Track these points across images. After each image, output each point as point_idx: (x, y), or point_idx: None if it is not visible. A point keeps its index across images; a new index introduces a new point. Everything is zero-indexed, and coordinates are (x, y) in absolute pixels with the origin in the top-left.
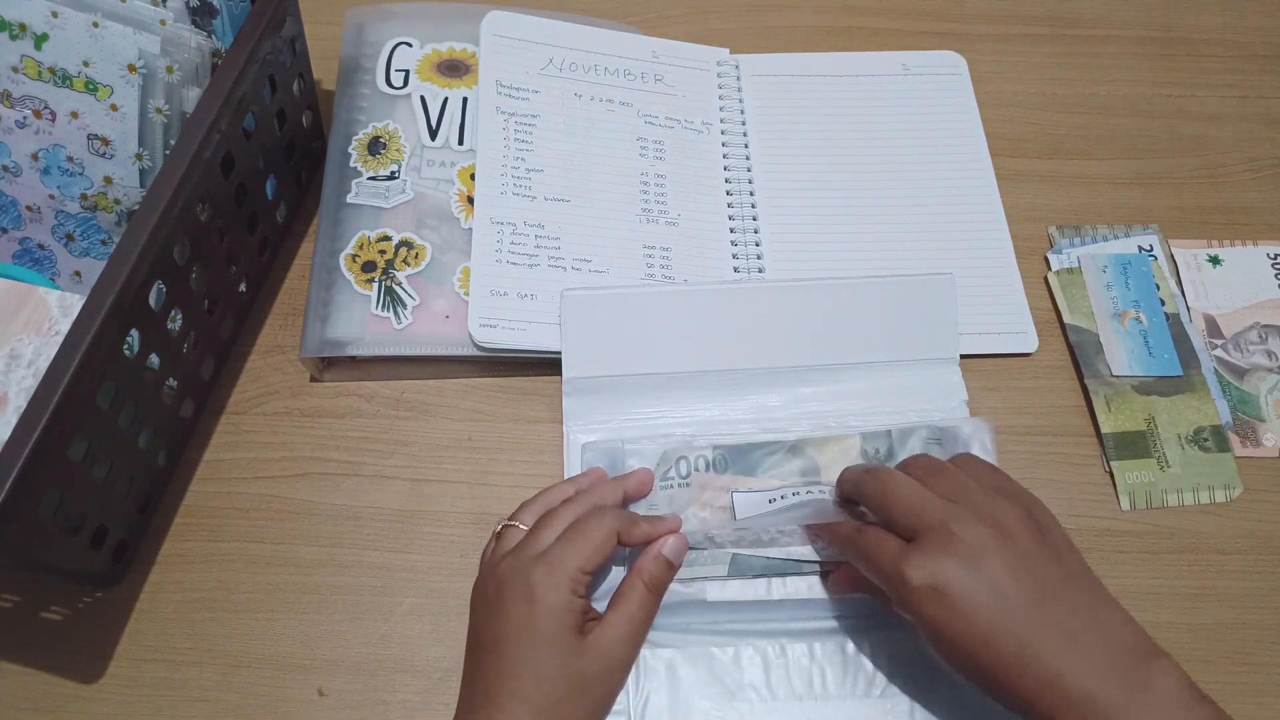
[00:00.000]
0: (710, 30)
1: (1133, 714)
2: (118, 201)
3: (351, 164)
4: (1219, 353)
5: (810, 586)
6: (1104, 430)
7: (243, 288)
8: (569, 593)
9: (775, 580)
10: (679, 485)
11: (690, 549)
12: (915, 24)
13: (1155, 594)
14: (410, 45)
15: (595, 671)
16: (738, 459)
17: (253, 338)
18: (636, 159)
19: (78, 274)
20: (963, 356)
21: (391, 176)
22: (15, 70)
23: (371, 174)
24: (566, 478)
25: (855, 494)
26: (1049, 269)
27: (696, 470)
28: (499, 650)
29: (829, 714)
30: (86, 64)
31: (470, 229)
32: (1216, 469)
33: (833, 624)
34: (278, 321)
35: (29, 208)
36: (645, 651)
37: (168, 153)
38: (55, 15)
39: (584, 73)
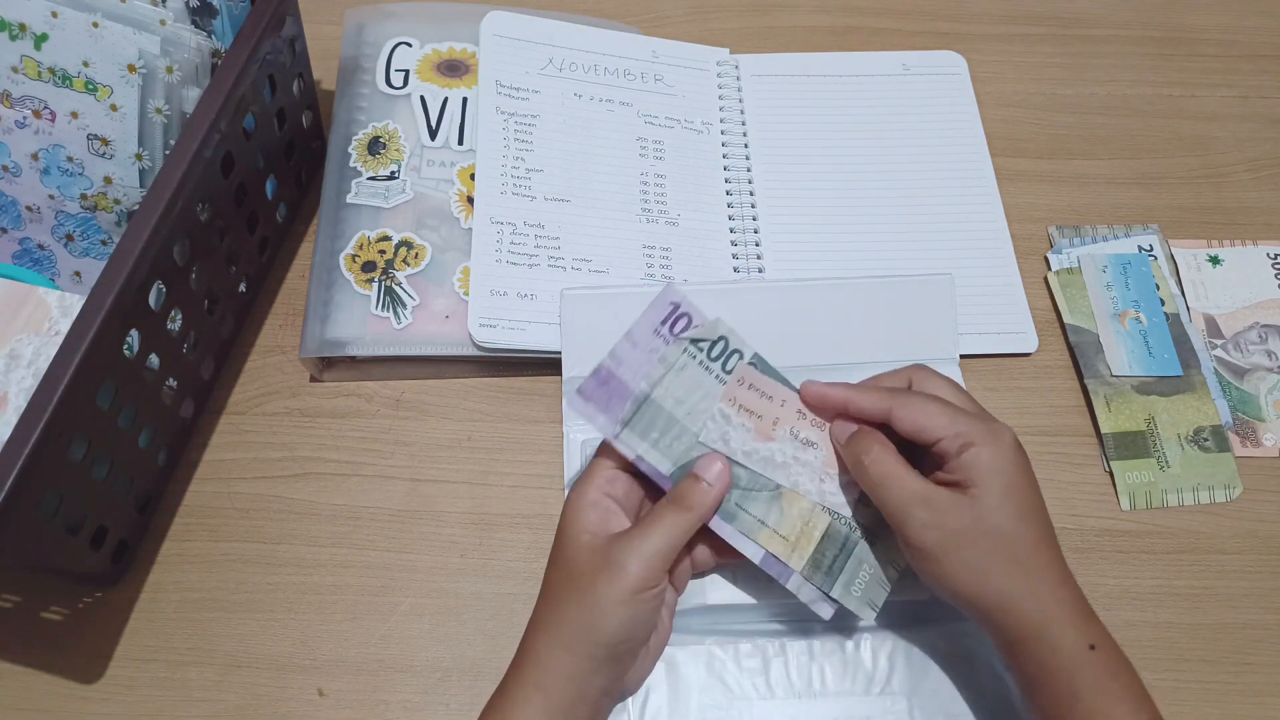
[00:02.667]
0: (710, 30)
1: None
2: (118, 201)
3: (351, 164)
4: (1219, 353)
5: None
6: (1104, 430)
7: (243, 288)
8: (587, 484)
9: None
10: (712, 370)
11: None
12: (915, 24)
13: (1155, 594)
14: (410, 45)
15: (586, 566)
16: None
17: (253, 338)
18: (636, 159)
19: (78, 274)
20: (963, 356)
21: (391, 176)
22: (15, 70)
23: (371, 174)
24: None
25: (875, 413)
26: (1049, 269)
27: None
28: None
29: (827, 711)
30: (86, 64)
31: (470, 229)
32: (1216, 469)
33: (832, 622)
34: (278, 321)
35: (29, 208)
36: None
37: (168, 153)
38: (55, 15)
39: (584, 73)
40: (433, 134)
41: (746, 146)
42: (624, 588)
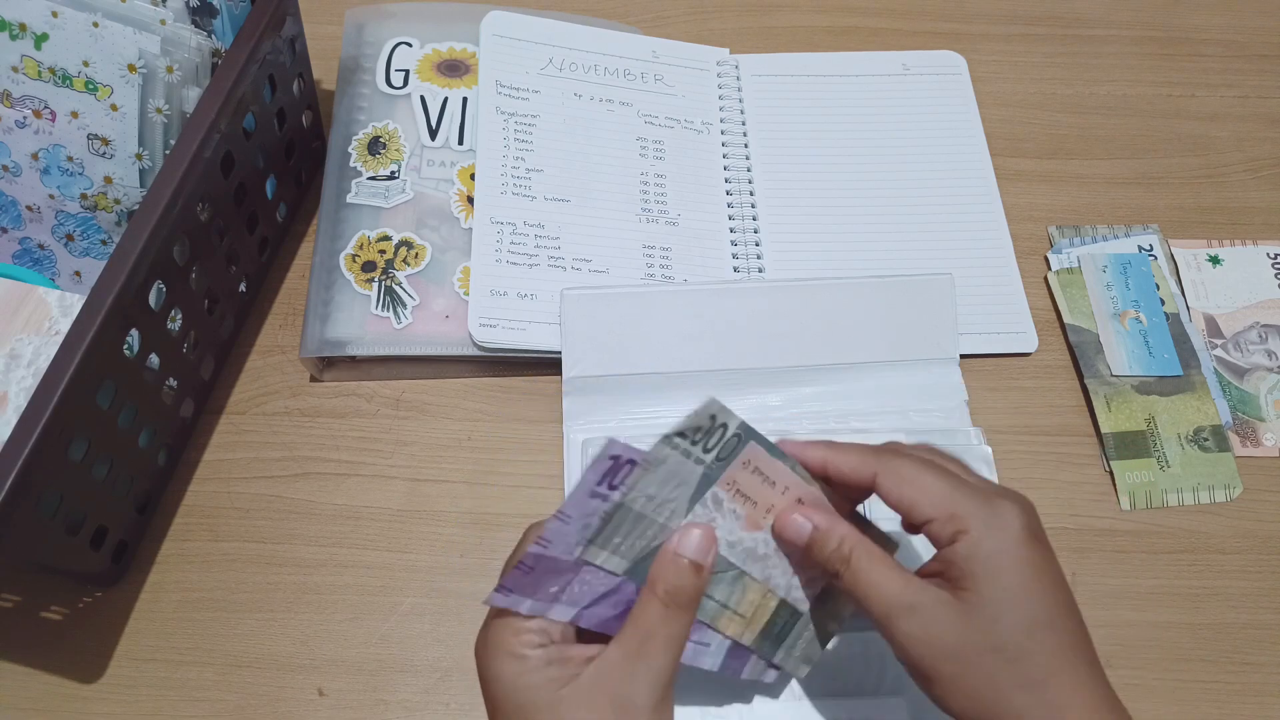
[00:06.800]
0: (710, 30)
1: None
2: (118, 201)
3: (351, 164)
4: (1219, 352)
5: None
6: (1104, 430)
7: (243, 288)
8: (514, 646)
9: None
10: (692, 455)
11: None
12: (915, 24)
13: (1155, 594)
14: (410, 45)
15: None
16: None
17: (253, 338)
18: (636, 159)
19: (78, 274)
20: (963, 356)
21: (391, 176)
22: (15, 70)
23: (371, 174)
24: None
25: (858, 478)
26: (1049, 269)
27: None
28: None
29: (826, 711)
30: (86, 64)
31: (470, 229)
32: (1216, 469)
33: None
34: (278, 321)
35: (29, 208)
36: None
37: (168, 153)
38: (55, 15)
39: (584, 73)
40: (433, 134)
41: (746, 146)
42: (606, 709)
